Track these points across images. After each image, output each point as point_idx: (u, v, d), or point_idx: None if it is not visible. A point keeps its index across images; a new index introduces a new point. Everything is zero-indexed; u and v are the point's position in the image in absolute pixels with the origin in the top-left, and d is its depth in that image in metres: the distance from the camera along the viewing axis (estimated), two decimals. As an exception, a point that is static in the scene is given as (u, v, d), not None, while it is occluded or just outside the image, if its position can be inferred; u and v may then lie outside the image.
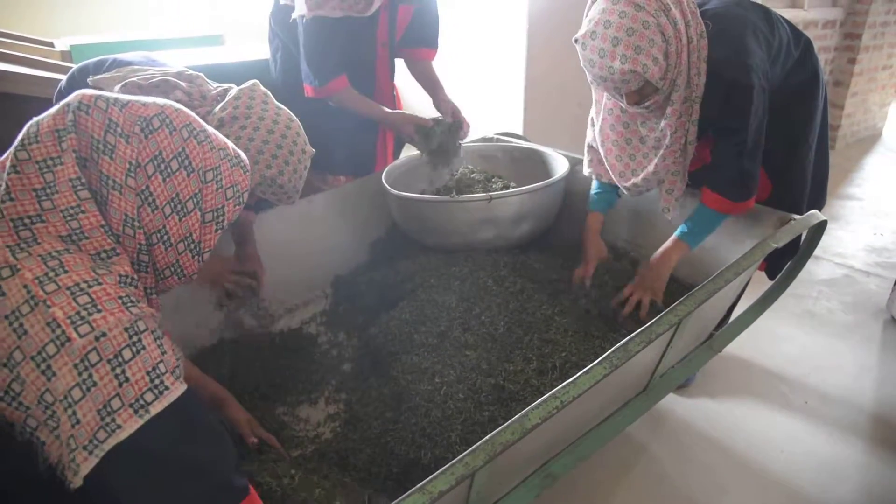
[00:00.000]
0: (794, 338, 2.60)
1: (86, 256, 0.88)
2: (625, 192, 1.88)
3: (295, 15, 2.01)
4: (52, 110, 0.92)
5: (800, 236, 1.77)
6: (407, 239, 2.20)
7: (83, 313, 0.81)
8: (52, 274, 0.82)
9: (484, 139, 2.61)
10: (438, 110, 2.36)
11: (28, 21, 3.85)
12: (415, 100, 2.99)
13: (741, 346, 2.30)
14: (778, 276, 1.95)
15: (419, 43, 2.38)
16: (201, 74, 1.66)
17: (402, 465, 1.44)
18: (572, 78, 3.73)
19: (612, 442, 1.62)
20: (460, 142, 2.26)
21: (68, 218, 0.87)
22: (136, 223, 0.92)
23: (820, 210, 1.95)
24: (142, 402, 0.83)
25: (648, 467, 1.95)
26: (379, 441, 1.52)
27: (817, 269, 3.19)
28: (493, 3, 3.90)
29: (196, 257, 1.01)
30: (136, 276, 0.91)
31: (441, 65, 2.52)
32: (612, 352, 1.27)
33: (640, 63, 1.49)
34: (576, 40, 1.59)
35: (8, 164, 0.87)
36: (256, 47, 3.11)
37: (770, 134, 1.77)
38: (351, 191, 2.26)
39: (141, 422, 0.82)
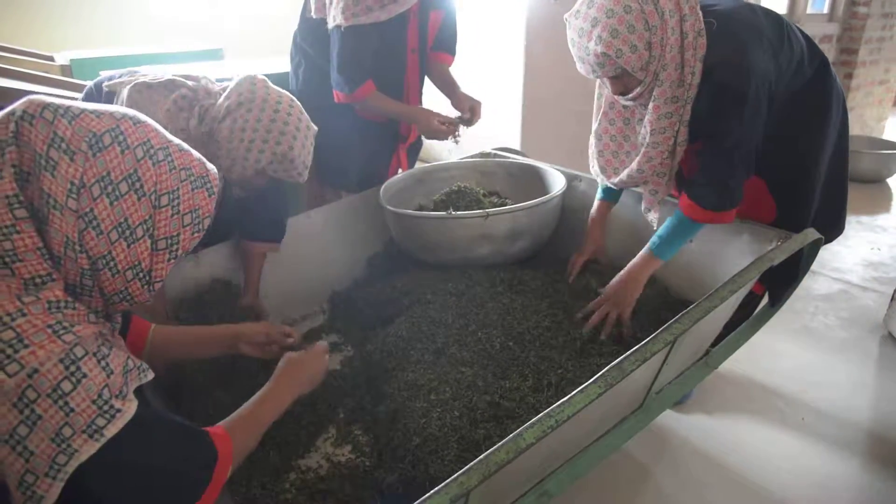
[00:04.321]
0: (790, 354, 2.60)
1: (15, 282, 0.82)
2: (612, 185, 1.88)
3: (330, 25, 2.04)
4: None
5: (798, 257, 1.76)
6: (404, 255, 2.20)
7: (9, 351, 0.76)
8: None
9: (482, 155, 2.62)
10: (456, 107, 2.38)
11: (29, 35, 3.87)
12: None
13: (738, 362, 2.30)
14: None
15: (440, 48, 2.40)
16: (207, 75, 1.73)
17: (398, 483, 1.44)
18: (570, 94, 3.76)
19: (607, 459, 1.62)
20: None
21: (2, 238, 0.81)
22: (79, 247, 0.85)
23: (836, 237, 1.94)
24: (94, 426, 0.81)
25: (644, 484, 1.95)
26: (375, 459, 1.52)
27: (814, 284, 3.19)
28: (491, 19, 3.93)
29: (146, 286, 0.95)
30: (69, 300, 0.86)
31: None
32: (608, 370, 1.28)
33: (615, 47, 1.47)
34: (565, 18, 1.59)
35: None
36: (258, 62, 3.13)
37: (777, 155, 1.74)
38: (348, 206, 2.27)
39: (98, 445, 0.81)
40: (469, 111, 2.35)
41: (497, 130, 3.87)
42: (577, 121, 3.75)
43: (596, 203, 2.04)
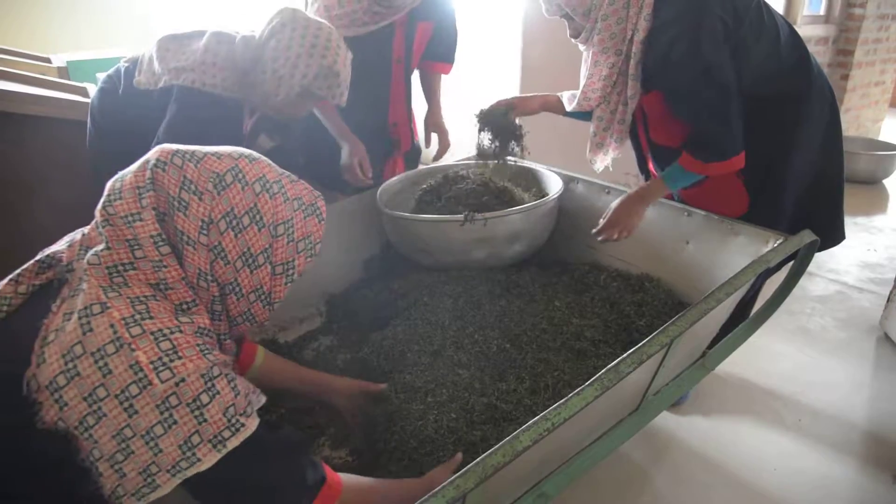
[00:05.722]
0: (787, 354, 2.61)
1: (170, 305, 0.93)
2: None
3: None
4: (134, 167, 0.97)
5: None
6: (401, 257, 2.20)
7: (165, 359, 0.86)
8: (138, 317, 0.87)
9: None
10: (425, 125, 2.38)
11: (26, 37, 3.87)
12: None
13: (734, 363, 2.30)
14: (772, 294, 1.96)
15: (434, 57, 2.39)
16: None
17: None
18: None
19: (605, 461, 1.62)
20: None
21: (156, 268, 0.93)
22: (210, 276, 0.96)
23: (836, 243, 1.95)
24: (220, 437, 0.88)
25: (642, 486, 1.95)
26: (372, 460, 1.52)
27: (810, 285, 3.20)
28: (487, 20, 3.93)
29: (267, 307, 1.05)
30: (211, 328, 0.96)
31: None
32: (604, 372, 1.28)
33: None
34: None
35: (100, 217, 0.93)
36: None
37: (750, 146, 1.77)
38: (345, 208, 2.26)
39: (219, 455, 0.88)
40: (429, 138, 2.35)
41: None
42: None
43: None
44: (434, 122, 2.39)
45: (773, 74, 1.76)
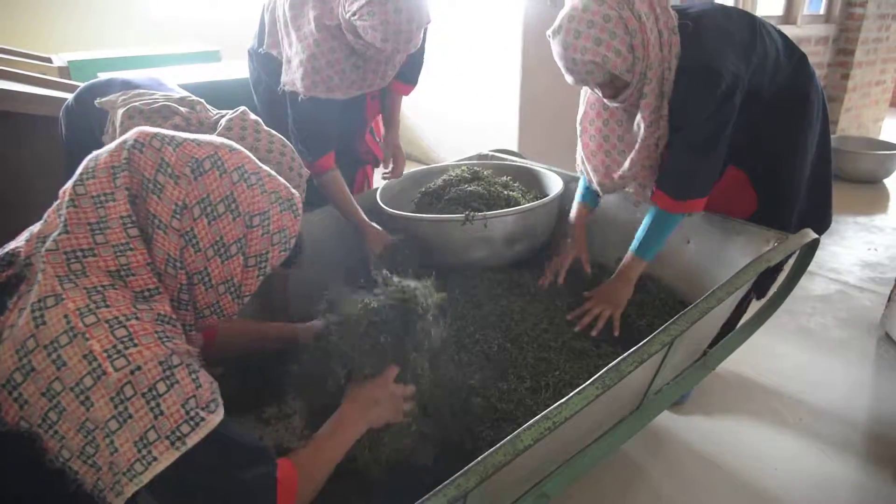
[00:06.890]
0: (788, 354, 2.61)
1: (129, 293, 0.89)
2: (597, 188, 1.93)
3: (288, 88, 1.95)
4: (111, 146, 0.94)
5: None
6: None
7: (119, 347, 0.82)
8: (93, 306, 0.84)
9: (479, 157, 2.62)
10: (382, 149, 2.39)
11: (27, 36, 3.87)
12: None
13: (735, 362, 2.30)
14: (772, 293, 1.96)
15: (399, 78, 2.35)
16: (202, 101, 1.66)
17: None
18: (567, 95, 3.76)
19: (606, 461, 1.62)
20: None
21: (118, 254, 0.89)
22: (179, 263, 0.93)
23: (825, 230, 1.95)
24: (178, 433, 0.84)
25: (643, 486, 1.95)
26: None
27: (811, 284, 3.20)
28: (488, 21, 3.93)
29: (236, 300, 1.02)
30: (174, 316, 0.93)
31: (437, 83, 2.53)
32: (605, 372, 1.28)
33: (601, 54, 1.54)
34: (548, 35, 1.64)
35: (67, 197, 0.90)
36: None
37: (762, 148, 1.77)
38: (346, 208, 2.26)
39: (177, 454, 0.83)
40: (392, 160, 2.34)
41: (494, 132, 3.88)
42: (574, 122, 3.74)
43: (576, 206, 2.07)
44: (393, 143, 2.36)
45: (783, 82, 1.77)
